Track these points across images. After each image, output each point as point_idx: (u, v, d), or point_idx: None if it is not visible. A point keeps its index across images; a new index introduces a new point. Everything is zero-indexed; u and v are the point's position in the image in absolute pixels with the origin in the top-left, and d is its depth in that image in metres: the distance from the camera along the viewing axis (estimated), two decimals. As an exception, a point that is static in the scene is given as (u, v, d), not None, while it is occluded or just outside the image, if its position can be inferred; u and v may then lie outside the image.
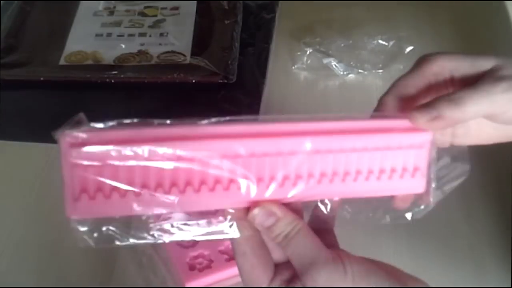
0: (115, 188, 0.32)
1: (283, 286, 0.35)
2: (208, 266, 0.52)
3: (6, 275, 0.55)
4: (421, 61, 0.40)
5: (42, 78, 0.73)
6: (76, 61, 0.75)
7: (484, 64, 0.38)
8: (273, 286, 0.35)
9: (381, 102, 0.40)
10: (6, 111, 0.69)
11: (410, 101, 0.39)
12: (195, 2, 0.83)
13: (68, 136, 0.30)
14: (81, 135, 0.31)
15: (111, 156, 0.31)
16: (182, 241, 0.54)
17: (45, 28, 0.81)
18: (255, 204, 0.34)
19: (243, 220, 0.35)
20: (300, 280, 0.34)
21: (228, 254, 0.53)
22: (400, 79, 0.40)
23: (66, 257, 0.57)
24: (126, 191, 0.32)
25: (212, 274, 0.52)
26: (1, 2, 0.82)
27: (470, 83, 0.37)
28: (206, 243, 0.52)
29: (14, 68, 0.74)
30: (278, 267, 0.37)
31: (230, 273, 0.52)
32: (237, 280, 0.51)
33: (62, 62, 0.74)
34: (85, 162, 0.31)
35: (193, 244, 0.54)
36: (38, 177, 0.63)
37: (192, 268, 0.52)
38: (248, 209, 0.35)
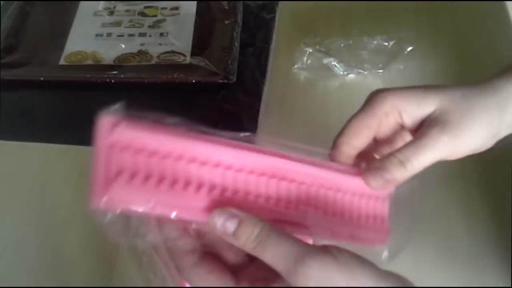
0: (149, 176, 0.31)
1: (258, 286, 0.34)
2: (208, 266, 0.52)
3: (6, 275, 0.55)
4: (372, 100, 0.42)
5: (42, 78, 0.73)
6: (76, 61, 0.75)
7: (429, 105, 0.41)
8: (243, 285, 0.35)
9: (335, 145, 0.41)
10: (6, 111, 0.69)
11: (364, 141, 0.42)
12: (195, 2, 0.83)
13: (110, 117, 0.31)
14: (122, 120, 0.31)
15: (148, 144, 0.31)
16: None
17: (45, 28, 0.81)
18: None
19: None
20: (289, 281, 0.31)
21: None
22: (353, 119, 0.42)
23: (66, 257, 0.57)
24: (161, 180, 0.32)
25: (212, 274, 0.52)
26: (1, 2, 0.82)
27: (416, 125, 0.42)
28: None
29: (14, 68, 0.74)
30: (237, 266, 0.36)
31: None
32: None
33: (62, 62, 0.74)
34: (124, 142, 0.31)
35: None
36: (38, 177, 0.62)
37: (192, 268, 0.52)
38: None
